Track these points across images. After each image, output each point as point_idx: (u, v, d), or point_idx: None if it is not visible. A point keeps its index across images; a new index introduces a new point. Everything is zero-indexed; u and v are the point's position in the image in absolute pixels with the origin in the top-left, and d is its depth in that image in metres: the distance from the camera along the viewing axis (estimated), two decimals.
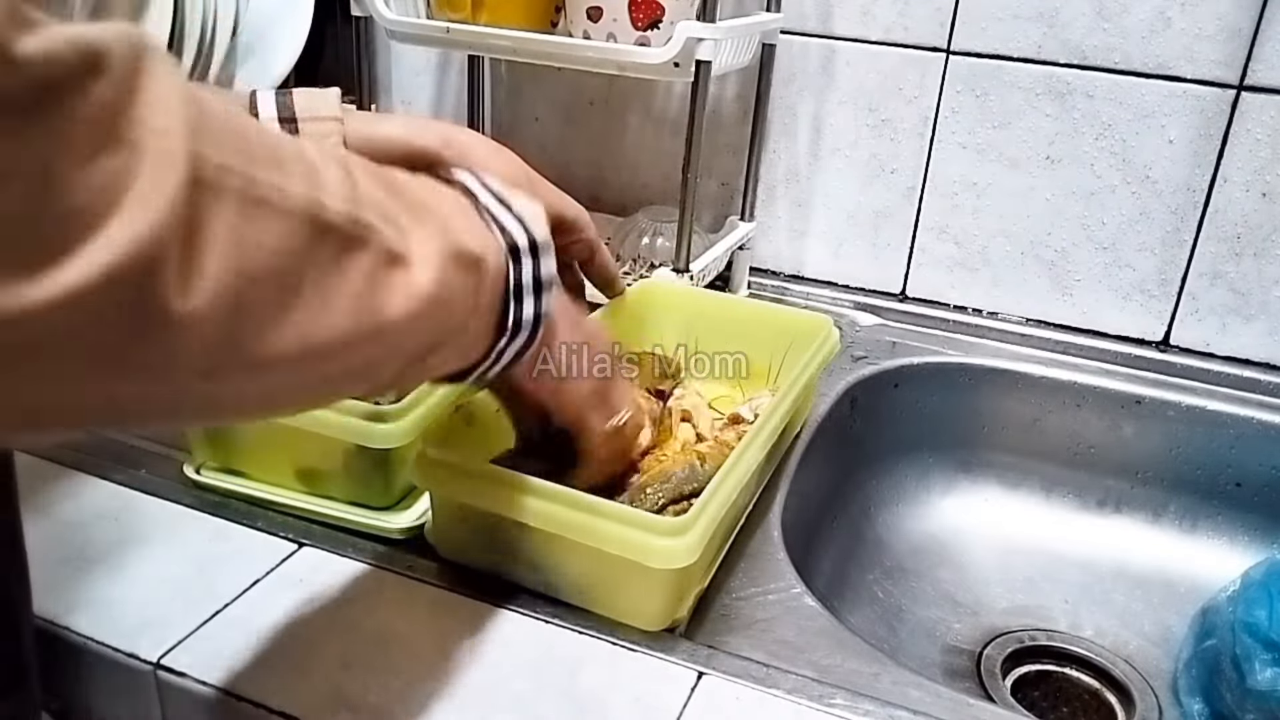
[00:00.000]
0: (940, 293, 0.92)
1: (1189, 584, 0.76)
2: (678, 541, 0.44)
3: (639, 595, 0.48)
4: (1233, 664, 0.61)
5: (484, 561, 0.52)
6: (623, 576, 0.47)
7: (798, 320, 0.69)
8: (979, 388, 0.83)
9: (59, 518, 0.54)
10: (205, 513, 0.55)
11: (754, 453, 0.52)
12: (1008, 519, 0.82)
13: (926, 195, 0.89)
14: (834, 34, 0.88)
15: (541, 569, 0.50)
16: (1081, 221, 0.85)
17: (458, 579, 0.51)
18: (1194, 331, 0.85)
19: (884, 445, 0.82)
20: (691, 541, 0.44)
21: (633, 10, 0.76)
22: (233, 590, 0.49)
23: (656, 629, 0.48)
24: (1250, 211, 0.80)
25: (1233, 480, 0.79)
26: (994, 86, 0.84)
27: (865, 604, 0.73)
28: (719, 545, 0.54)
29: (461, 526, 0.52)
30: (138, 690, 0.45)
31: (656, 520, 0.45)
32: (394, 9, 0.81)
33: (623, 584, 0.48)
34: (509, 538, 0.49)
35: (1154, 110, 0.80)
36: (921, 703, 0.46)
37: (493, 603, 0.50)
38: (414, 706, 0.43)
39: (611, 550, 0.45)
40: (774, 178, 0.94)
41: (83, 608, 0.48)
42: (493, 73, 1.01)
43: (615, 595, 0.49)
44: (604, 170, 1.01)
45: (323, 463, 0.56)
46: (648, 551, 0.44)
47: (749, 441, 0.52)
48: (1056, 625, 0.74)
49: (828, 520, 0.75)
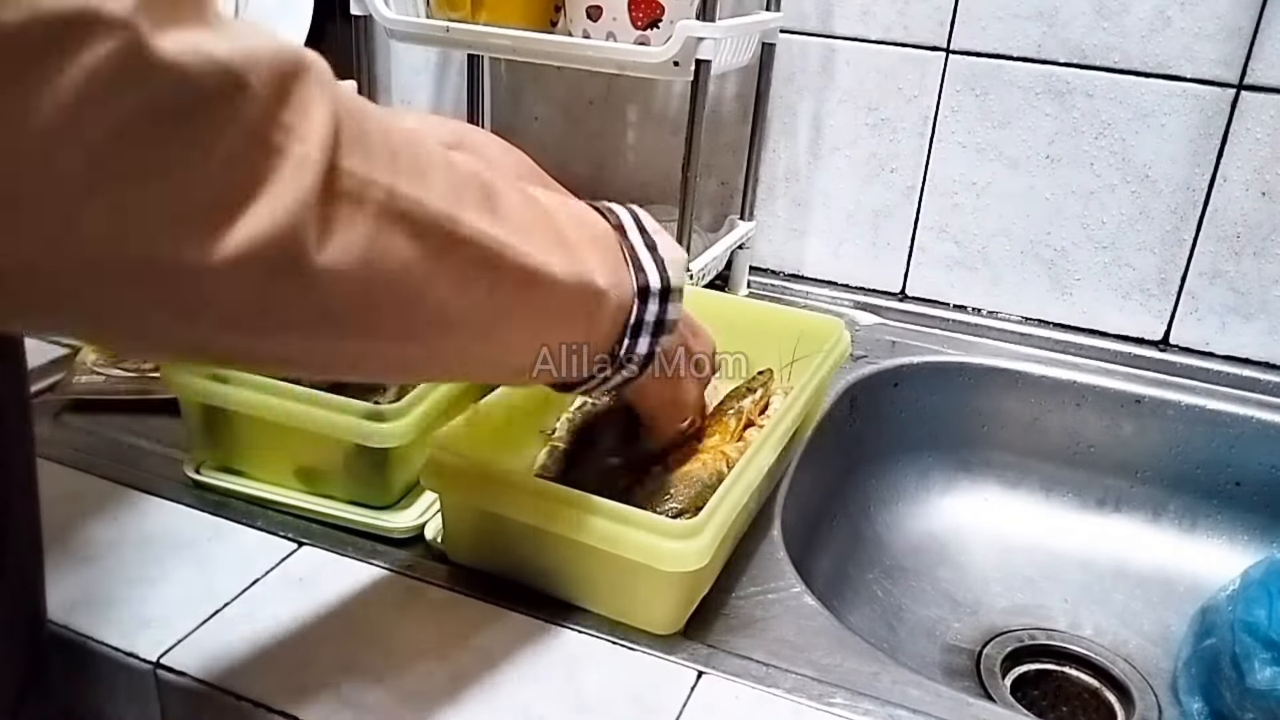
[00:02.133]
0: (940, 292, 0.92)
1: (1188, 583, 0.76)
2: (689, 544, 0.44)
3: (650, 598, 0.48)
4: (1232, 663, 0.61)
5: (494, 565, 0.51)
6: (633, 580, 0.47)
7: (808, 322, 0.68)
8: (978, 387, 0.83)
9: (58, 517, 0.54)
10: (205, 512, 0.55)
11: (765, 456, 0.52)
12: (1007, 518, 0.82)
13: (926, 194, 0.89)
14: (834, 33, 0.88)
15: (553, 573, 0.49)
16: (1081, 221, 0.85)
17: (457, 579, 0.51)
18: (1194, 331, 0.85)
19: (884, 444, 0.82)
20: (702, 545, 0.44)
21: (632, 9, 0.76)
22: (233, 590, 0.49)
23: (668, 633, 0.48)
24: (1250, 210, 0.80)
25: (1232, 479, 0.79)
26: (994, 86, 0.84)
27: (865, 603, 0.73)
28: (729, 548, 0.54)
29: (472, 530, 0.51)
30: (137, 690, 0.46)
31: (668, 523, 0.44)
32: (394, 8, 0.81)
33: (633, 587, 0.48)
34: (519, 541, 0.49)
35: (1154, 109, 0.80)
36: (921, 702, 0.46)
37: (493, 602, 0.50)
38: (413, 706, 0.43)
39: (622, 554, 0.45)
40: (774, 177, 0.94)
41: (82, 607, 0.48)
42: (492, 72, 1.01)
43: (626, 599, 0.48)
44: (604, 169, 1.01)
45: (322, 462, 0.56)
46: (658, 555, 0.44)
47: (760, 445, 0.52)
48: (1056, 624, 0.74)
49: (827, 519, 0.75)
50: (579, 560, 0.48)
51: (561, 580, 0.49)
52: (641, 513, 0.45)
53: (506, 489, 0.47)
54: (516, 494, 0.47)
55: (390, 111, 0.34)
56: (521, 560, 0.50)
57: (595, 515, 0.45)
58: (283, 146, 0.26)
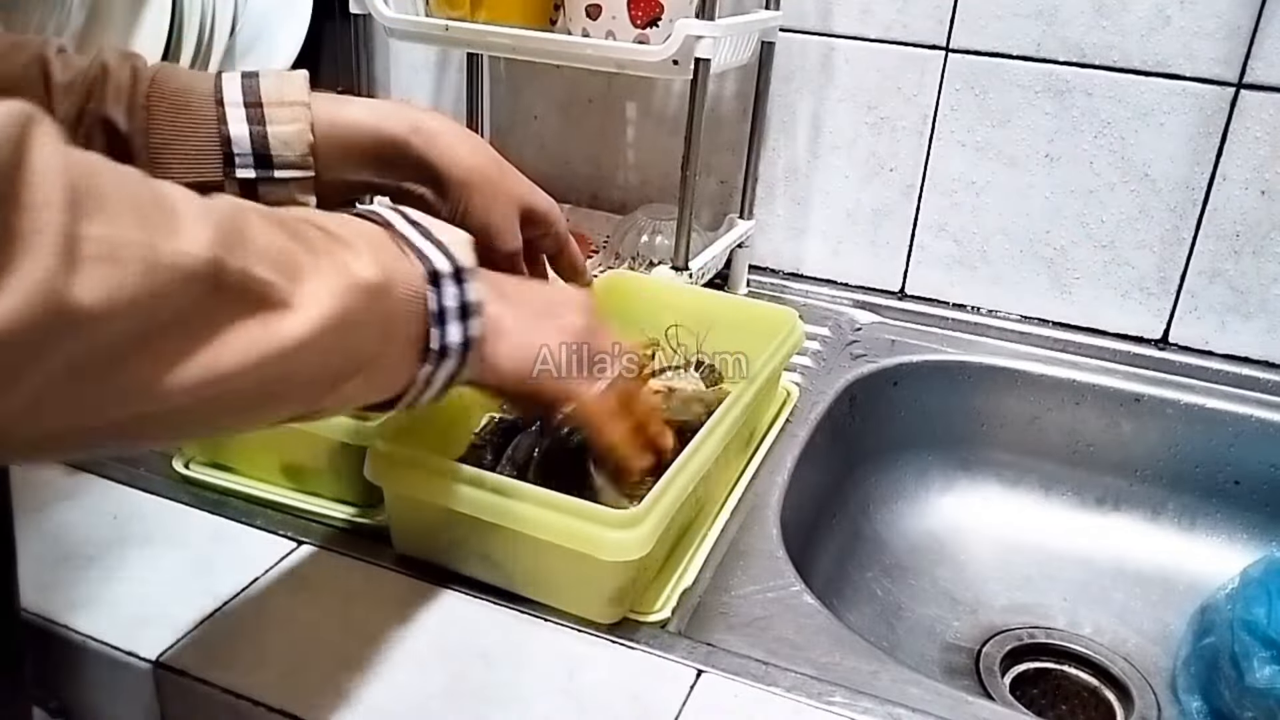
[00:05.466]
0: (939, 291, 0.92)
1: (1188, 582, 0.76)
2: (630, 534, 0.44)
3: (591, 588, 0.48)
4: (1231, 662, 0.61)
5: (437, 555, 0.52)
6: (574, 569, 0.47)
7: (764, 313, 0.69)
8: (978, 386, 0.83)
9: (57, 517, 0.54)
10: (204, 510, 0.55)
11: (712, 445, 0.52)
12: (1007, 517, 0.83)
13: (925, 193, 0.89)
14: (833, 32, 0.88)
15: (492, 561, 0.50)
16: (1080, 219, 0.85)
17: (457, 578, 0.51)
18: (1193, 329, 0.85)
19: (883, 443, 0.82)
20: (644, 534, 0.44)
21: (632, 8, 0.76)
22: (232, 588, 0.49)
23: (608, 621, 0.48)
24: (1249, 209, 0.80)
25: (1231, 478, 0.79)
26: (993, 84, 0.84)
27: (864, 602, 0.73)
28: (672, 537, 0.54)
29: (416, 522, 0.52)
30: (137, 689, 0.45)
31: (609, 513, 0.45)
32: (393, 7, 0.81)
33: (574, 576, 0.48)
34: (459, 531, 0.49)
35: (1153, 108, 0.80)
36: (921, 700, 0.46)
37: (493, 601, 0.50)
38: (413, 704, 0.43)
39: (563, 543, 0.45)
40: (773, 176, 0.94)
41: (82, 606, 0.48)
42: (492, 71, 1.01)
43: (567, 587, 0.48)
44: (603, 168, 1.01)
45: (309, 459, 0.56)
46: (600, 544, 0.44)
47: (706, 434, 0.52)
48: (1055, 623, 0.74)
49: (827, 518, 0.75)
50: (519, 550, 0.48)
51: (504, 571, 0.50)
52: (582, 502, 0.45)
53: (445, 480, 0.47)
54: (455, 485, 0.47)
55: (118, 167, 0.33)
56: (465, 552, 0.50)
57: (535, 505, 0.45)
58: (15, 226, 0.25)
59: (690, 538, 0.56)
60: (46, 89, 0.43)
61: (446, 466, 0.48)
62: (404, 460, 0.49)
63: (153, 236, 0.28)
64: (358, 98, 0.50)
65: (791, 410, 0.72)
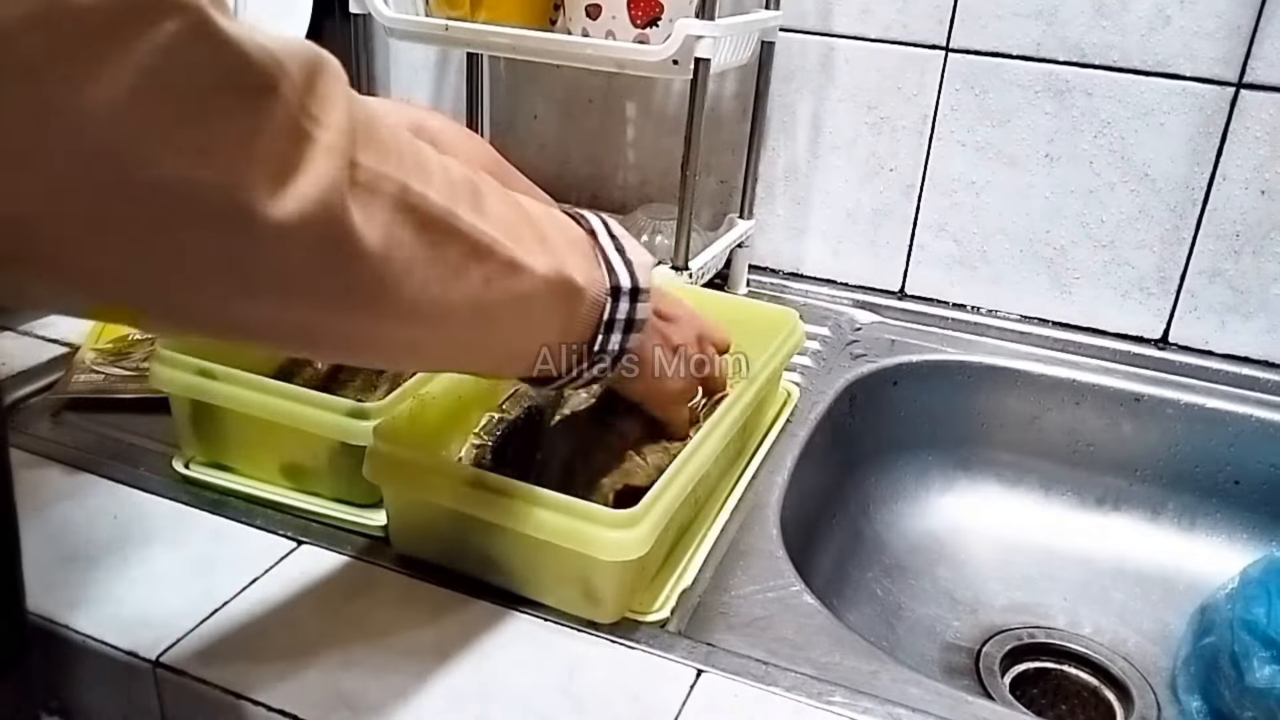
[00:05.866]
0: (939, 290, 0.92)
1: (1187, 581, 0.76)
2: (629, 533, 0.44)
3: (590, 587, 0.48)
4: (1231, 661, 0.61)
5: (437, 555, 0.52)
6: (574, 568, 0.47)
7: (764, 313, 0.69)
8: (978, 385, 0.83)
9: (58, 516, 0.54)
10: (204, 510, 0.55)
11: (712, 445, 0.52)
12: (1006, 517, 0.83)
13: (925, 193, 0.89)
14: (833, 31, 0.88)
15: (492, 561, 0.50)
16: (1080, 219, 0.85)
17: (457, 578, 0.51)
18: (1193, 329, 0.85)
19: (883, 443, 0.82)
20: (642, 534, 0.44)
21: (631, 8, 0.76)
22: (232, 588, 0.49)
23: (607, 621, 0.48)
24: (1249, 209, 0.80)
25: (1231, 478, 0.79)
26: (993, 84, 0.84)
27: (864, 602, 0.73)
28: (672, 537, 0.54)
29: (416, 521, 0.52)
30: (137, 688, 0.45)
31: (609, 513, 0.45)
32: (393, 6, 0.81)
33: (573, 575, 0.48)
34: (459, 531, 0.49)
35: (1153, 108, 0.80)
36: (920, 700, 0.46)
37: (493, 601, 0.50)
38: (413, 704, 0.43)
39: (561, 543, 0.45)
40: (773, 175, 0.94)
41: (82, 606, 0.48)
42: (491, 70, 1.01)
43: (567, 587, 0.48)
44: (603, 168, 1.01)
45: (308, 459, 0.56)
46: (598, 544, 0.44)
47: (706, 434, 0.52)
48: (1055, 623, 0.74)
49: (827, 518, 0.75)
50: (519, 550, 0.48)
51: (503, 571, 0.50)
52: (581, 502, 0.45)
53: (444, 479, 0.47)
54: (454, 484, 0.47)
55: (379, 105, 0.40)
56: (464, 551, 0.50)
57: (533, 505, 0.45)
58: (313, 134, 0.29)
59: (690, 537, 0.56)
60: None
61: (446, 466, 0.48)
62: (404, 460, 0.49)
63: (407, 178, 0.34)
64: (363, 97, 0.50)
65: (792, 410, 0.72)
